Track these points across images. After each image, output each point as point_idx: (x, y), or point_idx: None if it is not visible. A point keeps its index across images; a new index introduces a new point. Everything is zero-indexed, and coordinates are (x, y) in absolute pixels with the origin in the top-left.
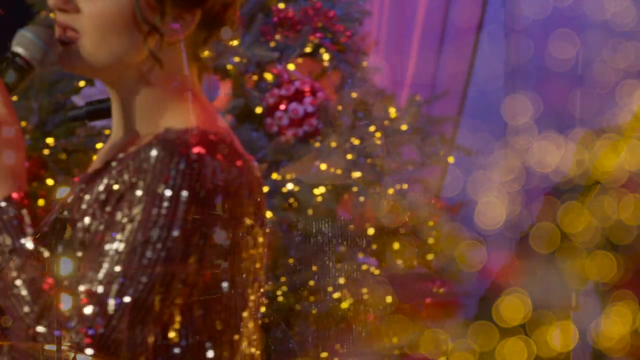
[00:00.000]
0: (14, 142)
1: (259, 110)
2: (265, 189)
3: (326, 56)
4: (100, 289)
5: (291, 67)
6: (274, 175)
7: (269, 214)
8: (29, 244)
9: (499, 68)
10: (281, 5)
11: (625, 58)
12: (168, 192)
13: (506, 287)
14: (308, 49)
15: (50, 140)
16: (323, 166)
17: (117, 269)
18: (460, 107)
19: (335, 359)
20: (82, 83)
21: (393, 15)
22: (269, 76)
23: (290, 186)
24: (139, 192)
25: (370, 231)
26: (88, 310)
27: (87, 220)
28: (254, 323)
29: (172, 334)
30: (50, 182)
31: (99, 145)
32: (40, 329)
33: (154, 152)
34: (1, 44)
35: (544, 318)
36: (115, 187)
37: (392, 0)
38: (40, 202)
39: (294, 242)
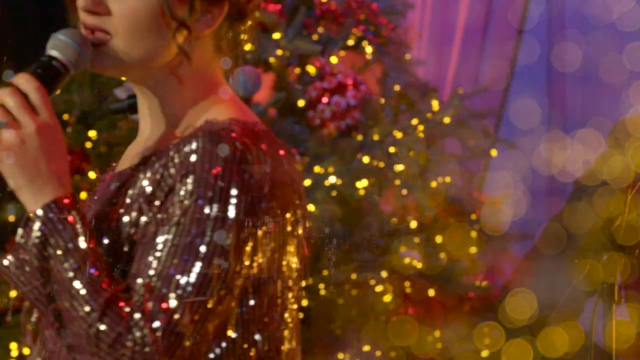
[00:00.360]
0: (57, 144)
1: (301, 103)
2: (308, 182)
3: (369, 49)
4: (159, 284)
5: (334, 60)
6: (317, 169)
7: (311, 207)
8: (82, 243)
9: (540, 62)
10: None
11: None
12: (219, 183)
13: (512, 287)
14: (351, 42)
15: (92, 133)
16: (365, 159)
17: (175, 262)
18: (502, 101)
19: (377, 352)
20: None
21: (436, 7)
22: (311, 69)
23: (332, 179)
24: (189, 185)
25: (413, 224)
26: (149, 305)
27: (134, 214)
28: (294, 315)
29: (227, 326)
30: (92, 175)
31: None
32: (102, 327)
33: (200, 144)
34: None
35: (551, 319)
36: (162, 180)
37: None
38: (83, 195)
39: (336, 235)
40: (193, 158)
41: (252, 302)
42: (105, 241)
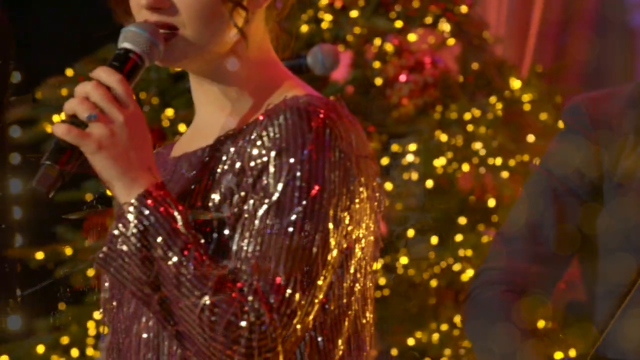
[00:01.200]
0: (144, 134)
1: (378, 81)
2: (386, 160)
3: (446, 27)
4: (265, 262)
5: (412, 38)
6: (394, 147)
7: (388, 186)
8: (182, 229)
9: (621, 36)
10: None
11: None
12: (313, 159)
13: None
14: (428, 20)
15: (169, 112)
16: (443, 137)
17: (278, 239)
18: (582, 78)
19: (454, 331)
20: None
21: None
22: (389, 47)
23: (410, 158)
24: (284, 162)
25: (491, 203)
26: (260, 284)
27: (223, 194)
28: (371, 294)
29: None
30: None
31: None
32: (215, 310)
33: (289, 120)
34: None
35: (564, 321)
36: (252, 158)
37: None
38: None
39: (414, 213)
40: (284, 134)
41: (342, 274)
42: (199, 224)
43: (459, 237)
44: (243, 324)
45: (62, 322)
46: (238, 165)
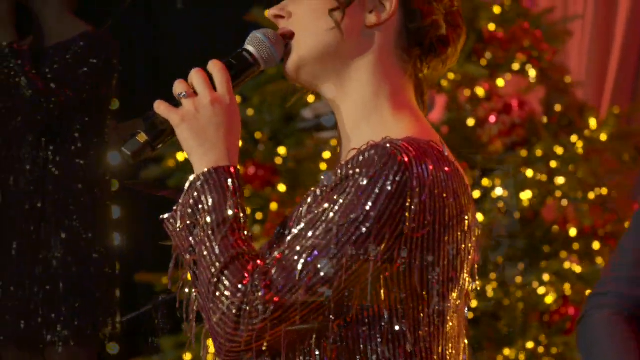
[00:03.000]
0: (229, 119)
1: (471, 122)
2: (477, 194)
3: (532, 72)
4: (290, 256)
5: (500, 83)
6: (485, 181)
7: (480, 217)
8: (228, 209)
9: None
10: (491, 27)
11: None
12: (372, 186)
13: None
14: (516, 66)
15: (281, 150)
16: (529, 173)
17: (309, 243)
18: None
19: (539, 349)
20: (311, 98)
21: (594, 33)
22: (480, 91)
23: (499, 191)
24: (345, 184)
25: (572, 232)
26: (273, 270)
27: (304, 209)
28: (458, 321)
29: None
30: (282, 188)
31: (326, 155)
32: (222, 277)
33: (367, 155)
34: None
35: None
36: (334, 181)
37: (594, 19)
38: (273, 206)
39: (503, 242)
40: (355, 164)
41: (386, 293)
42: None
43: (543, 264)
44: (239, 295)
45: (183, 340)
46: (319, 190)
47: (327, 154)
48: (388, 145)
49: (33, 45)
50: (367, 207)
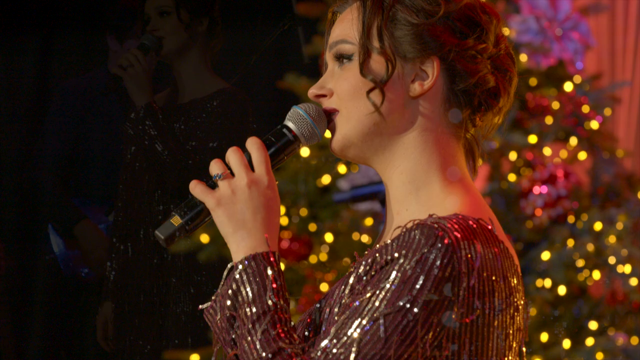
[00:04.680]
0: (268, 201)
1: (514, 192)
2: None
3: (578, 141)
4: (335, 349)
5: (546, 151)
6: (530, 255)
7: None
8: (269, 299)
9: None
10: (535, 94)
11: None
12: (418, 270)
13: None
14: (561, 135)
15: (316, 223)
16: (575, 246)
17: (354, 334)
18: None
19: None
20: (342, 169)
21: None
22: (523, 161)
23: (544, 265)
24: (390, 268)
25: (621, 308)
26: None
27: (347, 290)
28: None
29: None
30: (314, 259)
31: (368, 223)
32: None
33: (412, 235)
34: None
35: None
36: (373, 265)
37: None
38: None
39: (548, 319)
40: (403, 245)
41: None
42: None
43: (590, 341)
44: None
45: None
46: (365, 270)
47: (369, 221)
48: (434, 224)
49: (168, 100)
50: (414, 294)
